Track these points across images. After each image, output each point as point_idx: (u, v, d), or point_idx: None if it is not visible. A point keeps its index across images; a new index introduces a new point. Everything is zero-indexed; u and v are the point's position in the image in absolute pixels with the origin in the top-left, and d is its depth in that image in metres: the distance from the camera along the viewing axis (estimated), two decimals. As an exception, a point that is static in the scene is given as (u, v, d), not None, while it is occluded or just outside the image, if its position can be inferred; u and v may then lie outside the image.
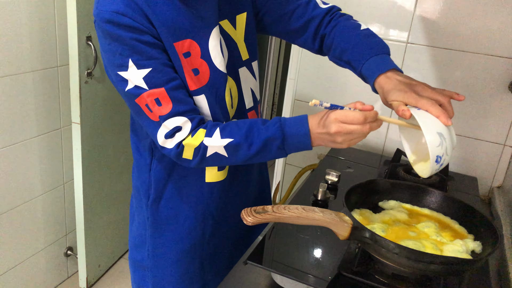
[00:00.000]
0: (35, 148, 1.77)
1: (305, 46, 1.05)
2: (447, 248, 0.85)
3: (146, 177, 0.98)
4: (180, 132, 0.83)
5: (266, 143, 0.82)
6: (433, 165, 0.77)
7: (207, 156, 0.84)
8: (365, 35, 0.93)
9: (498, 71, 1.41)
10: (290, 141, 0.82)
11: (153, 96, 0.81)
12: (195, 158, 0.84)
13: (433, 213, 0.99)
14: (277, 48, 3.64)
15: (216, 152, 0.83)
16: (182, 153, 0.84)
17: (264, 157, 0.85)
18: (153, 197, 0.98)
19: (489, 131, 1.47)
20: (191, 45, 0.86)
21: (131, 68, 0.79)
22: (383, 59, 0.88)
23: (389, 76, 0.84)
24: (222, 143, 0.83)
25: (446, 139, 0.76)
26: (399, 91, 0.81)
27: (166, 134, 0.82)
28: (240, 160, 0.85)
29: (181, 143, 0.83)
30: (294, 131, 0.81)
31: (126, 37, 0.78)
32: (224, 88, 0.91)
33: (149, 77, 0.80)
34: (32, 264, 1.90)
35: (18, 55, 1.60)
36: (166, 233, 1.00)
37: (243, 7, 0.96)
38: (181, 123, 0.82)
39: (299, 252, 0.97)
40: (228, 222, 1.05)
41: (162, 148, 0.85)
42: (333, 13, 1.01)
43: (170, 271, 1.02)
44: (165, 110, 0.81)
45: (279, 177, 1.89)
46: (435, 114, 0.76)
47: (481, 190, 1.52)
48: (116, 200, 2.11)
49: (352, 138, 0.79)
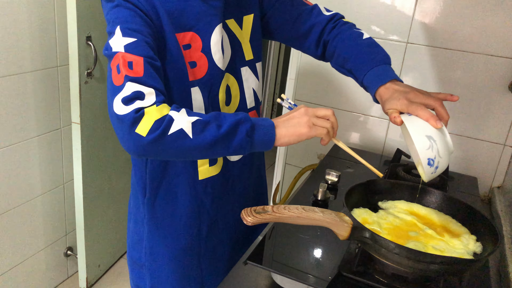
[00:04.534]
0: (35, 148, 1.77)
1: (308, 52, 1.08)
2: (448, 248, 0.85)
3: (142, 175, 0.98)
4: (142, 100, 0.74)
5: (237, 125, 0.77)
6: (427, 168, 0.79)
7: (169, 133, 0.73)
8: (367, 45, 0.96)
9: (498, 71, 1.41)
10: (257, 130, 0.79)
11: (128, 58, 0.76)
12: (151, 133, 0.72)
13: (433, 213, 0.99)
14: (277, 48, 3.64)
15: (181, 128, 0.74)
16: (138, 122, 0.72)
17: (230, 144, 0.78)
18: (149, 194, 0.98)
19: (489, 131, 1.47)
20: (193, 38, 0.87)
21: (117, 34, 0.78)
22: (383, 70, 0.91)
23: (387, 86, 0.88)
24: (190, 119, 0.76)
25: (437, 141, 0.78)
26: (393, 100, 0.84)
27: (125, 98, 0.73)
28: (205, 141, 0.76)
29: (143, 109, 0.73)
30: (260, 122, 0.81)
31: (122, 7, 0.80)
32: (219, 85, 0.92)
33: (131, 46, 0.77)
34: (32, 264, 1.89)
35: (18, 55, 1.60)
36: (162, 230, 1.00)
37: (250, 9, 0.98)
38: (146, 92, 0.75)
39: (299, 252, 0.97)
40: (225, 220, 1.05)
41: (115, 116, 0.74)
42: (336, 20, 1.04)
43: (167, 269, 1.02)
44: (134, 74, 0.75)
45: (279, 177, 1.89)
46: (424, 117, 0.79)
47: (481, 190, 1.52)
48: (116, 200, 2.11)
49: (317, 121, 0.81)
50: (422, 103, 0.82)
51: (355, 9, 1.54)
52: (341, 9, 1.55)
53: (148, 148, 0.74)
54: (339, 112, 1.68)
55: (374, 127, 1.64)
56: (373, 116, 1.63)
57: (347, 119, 1.68)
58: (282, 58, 3.83)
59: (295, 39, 1.06)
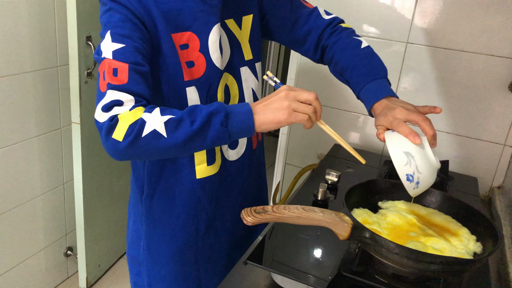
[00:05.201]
0: (35, 148, 1.77)
1: (307, 55, 1.09)
2: (448, 248, 0.85)
3: (140, 173, 0.99)
4: (120, 107, 0.75)
5: (210, 117, 0.76)
6: (407, 183, 0.81)
7: (143, 136, 0.74)
8: (365, 56, 0.97)
9: (498, 71, 1.41)
10: (233, 119, 0.77)
11: (113, 65, 0.77)
12: (127, 138, 0.74)
13: (433, 213, 0.99)
14: (277, 48, 3.64)
15: (154, 129, 0.74)
16: (114, 129, 0.74)
17: (206, 137, 0.77)
18: (146, 192, 0.98)
19: (489, 131, 1.47)
20: (191, 37, 0.87)
21: (107, 39, 0.80)
22: (379, 85, 0.93)
23: (381, 103, 0.90)
24: (163, 118, 0.75)
25: (415, 157, 0.79)
26: (381, 116, 0.88)
27: (105, 106, 0.75)
28: (180, 139, 0.75)
29: (116, 116, 0.75)
30: (237, 109, 0.78)
31: (114, 11, 0.80)
32: (217, 84, 0.92)
33: (118, 52, 0.78)
34: (32, 264, 1.89)
35: (18, 55, 1.60)
36: (160, 228, 1.00)
37: (249, 9, 0.99)
38: (125, 100, 0.76)
39: (299, 252, 0.97)
40: (223, 220, 1.05)
41: (96, 123, 0.77)
42: (335, 25, 1.05)
43: (164, 267, 1.02)
44: (117, 82, 0.76)
45: (279, 177, 1.89)
46: (404, 133, 0.82)
47: (481, 190, 1.52)
48: (116, 200, 2.11)
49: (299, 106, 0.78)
50: (405, 119, 0.84)
51: (355, 9, 1.54)
52: (341, 9, 1.55)
53: (126, 152, 0.76)
54: (339, 112, 1.68)
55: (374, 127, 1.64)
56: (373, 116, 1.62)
57: (347, 119, 1.68)
58: (282, 58, 3.83)
59: (294, 41, 1.06)
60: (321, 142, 1.74)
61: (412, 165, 0.79)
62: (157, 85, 0.88)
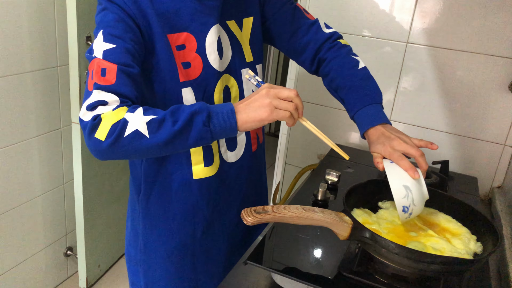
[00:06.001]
0: (35, 148, 1.77)
1: (303, 65, 1.10)
2: (448, 248, 0.85)
3: (137, 172, 0.99)
4: (104, 106, 0.76)
5: (192, 117, 0.76)
6: (401, 214, 0.86)
7: (124, 135, 0.74)
8: (361, 77, 1.00)
9: (498, 71, 1.41)
10: (215, 118, 0.77)
11: (102, 65, 0.77)
12: (108, 138, 0.74)
13: (433, 213, 0.99)
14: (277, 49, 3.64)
15: (136, 129, 0.74)
16: (96, 128, 0.74)
17: (188, 137, 0.77)
18: (143, 192, 0.98)
19: (489, 131, 1.47)
20: (188, 38, 0.87)
21: (99, 38, 0.80)
22: (375, 110, 0.96)
23: (376, 129, 0.93)
24: (145, 118, 0.75)
25: (413, 191, 0.84)
26: (378, 144, 0.91)
27: (89, 105, 0.75)
28: (161, 139, 0.75)
29: (100, 115, 0.75)
30: (219, 109, 0.78)
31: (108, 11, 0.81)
32: (214, 85, 0.92)
33: (109, 52, 0.79)
34: (32, 264, 1.89)
35: (18, 55, 1.60)
36: (157, 228, 1.00)
37: (250, 12, 0.99)
38: (109, 100, 0.76)
39: (299, 252, 0.97)
40: (221, 222, 1.04)
41: (80, 122, 0.77)
42: (334, 40, 1.06)
43: (160, 267, 1.02)
44: (104, 82, 0.76)
45: (279, 177, 1.89)
46: (404, 167, 0.85)
47: (481, 190, 1.52)
48: (116, 200, 2.11)
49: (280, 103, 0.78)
50: (404, 152, 0.87)
51: (355, 9, 1.54)
52: (341, 9, 1.55)
53: (108, 151, 0.76)
54: (339, 112, 1.68)
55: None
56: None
57: (347, 119, 1.67)
58: (282, 58, 3.83)
59: (292, 51, 1.07)
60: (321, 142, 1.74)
61: (409, 198, 0.84)
62: (151, 86, 0.88)
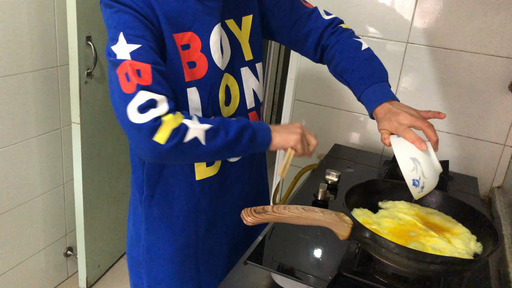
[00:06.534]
0: (35, 148, 1.77)
1: (307, 55, 1.09)
2: (448, 248, 0.85)
3: (140, 173, 0.98)
4: (155, 108, 0.77)
5: (242, 131, 0.83)
6: (412, 188, 0.84)
7: (184, 141, 0.78)
8: (366, 58, 0.98)
9: (498, 71, 1.41)
10: (257, 135, 0.86)
11: (136, 66, 0.77)
12: (169, 141, 0.76)
13: (433, 213, 0.99)
14: (277, 48, 3.64)
15: (195, 137, 0.79)
16: (157, 131, 0.76)
17: (234, 148, 0.84)
18: (146, 193, 0.98)
19: (489, 131, 1.47)
20: (192, 38, 0.87)
21: (121, 42, 0.79)
22: (381, 88, 0.94)
23: (383, 106, 0.92)
24: (203, 127, 0.80)
25: (421, 163, 0.82)
26: (385, 121, 0.90)
27: (140, 106, 0.75)
28: (216, 148, 0.81)
29: (160, 117, 0.76)
30: (259, 127, 0.88)
31: (124, 13, 0.80)
32: (219, 84, 0.92)
33: (136, 53, 0.78)
34: (32, 264, 1.89)
35: (18, 55, 1.60)
36: (159, 229, 1.00)
37: (249, 10, 0.99)
38: (158, 99, 0.77)
39: (299, 252, 0.97)
40: (223, 222, 1.05)
41: (131, 125, 0.76)
42: (335, 26, 1.05)
43: (164, 268, 1.02)
44: (144, 83, 0.77)
45: (279, 177, 1.89)
46: (410, 140, 0.84)
47: (481, 190, 1.52)
48: (116, 200, 2.11)
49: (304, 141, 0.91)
50: (410, 125, 0.86)
51: (355, 9, 1.54)
52: (341, 9, 1.55)
53: (167, 155, 0.79)
54: (339, 112, 1.68)
55: (374, 127, 1.64)
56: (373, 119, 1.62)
57: (347, 119, 1.68)
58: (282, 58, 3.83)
59: (294, 42, 1.07)
60: (321, 142, 1.74)
61: (418, 171, 0.82)
62: None
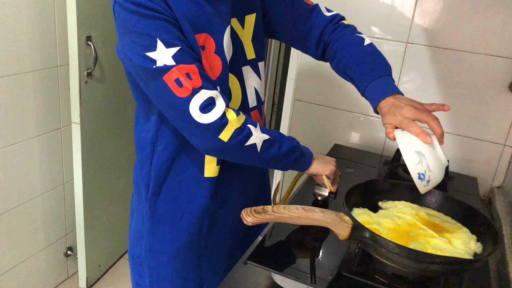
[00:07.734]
0: (35, 148, 1.77)
1: (308, 52, 1.09)
2: (448, 248, 0.85)
3: (147, 171, 0.98)
4: (215, 105, 0.81)
5: (292, 150, 0.93)
6: (418, 182, 0.82)
7: (245, 144, 0.85)
8: (369, 53, 0.98)
9: (498, 71, 1.41)
10: (302, 158, 0.97)
11: (184, 70, 0.80)
12: (231, 140, 0.83)
13: (433, 213, 0.99)
14: (277, 48, 3.64)
15: (255, 143, 0.86)
16: (222, 129, 0.82)
17: (280, 163, 0.93)
18: (152, 191, 0.98)
19: (489, 131, 1.47)
20: (207, 39, 0.88)
21: (160, 47, 0.79)
22: (384, 82, 0.94)
23: (387, 100, 0.91)
24: (263, 136, 0.87)
25: (426, 156, 0.81)
26: (390, 115, 0.89)
27: (201, 106, 0.80)
28: (267, 158, 0.89)
29: (225, 115, 0.82)
30: (306, 151, 1.00)
31: (154, 18, 0.79)
32: (228, 84, 0.93)
33: (178, 55, 0.80)
34: (32, 264, 1.89)
35: (18, 55, 1.60)
36: (163, 228, 1.00)
37: (253, 8, 0.98)
38: (214, 95, 0.82)
39: (299, 252, 0.97)
40: (225, 220, 1.05)
41: (198, 126, 0.81)
42: (336, 22, 1.05)
43: (166, 266, 1.02)
44: (198, 84, 0.81)
45: (279, 177, 1.89)
46: (415, 133, 0.83)
47: (481, 190, 1.52)
48: (116, 200, 2.11)
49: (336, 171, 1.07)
50: (415, 118, 0.85)
51: (355, 9, 1.54)
52: (341, 9, 1.55)
53: (227, 152, 0.86)
54: (339, 112, 1.68)
55: (374, 127, 1.64)
56: (373, 116, 1.63)
57: (347, 119, 1.68)
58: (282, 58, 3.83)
59: (296, 39, 1.06)
60: (321, 142, 1.74)
61: (423, 164, 0.81)
62: None
